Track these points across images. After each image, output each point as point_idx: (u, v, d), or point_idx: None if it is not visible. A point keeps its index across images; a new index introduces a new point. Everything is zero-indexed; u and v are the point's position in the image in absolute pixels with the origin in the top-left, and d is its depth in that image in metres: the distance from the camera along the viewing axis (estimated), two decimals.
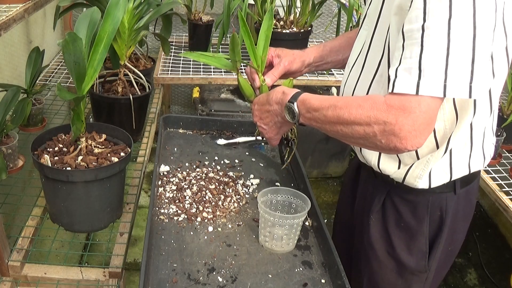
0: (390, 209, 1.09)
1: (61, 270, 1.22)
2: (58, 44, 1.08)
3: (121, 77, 1.57)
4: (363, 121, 0.83)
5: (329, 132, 0.92)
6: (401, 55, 0.81)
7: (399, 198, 1.07)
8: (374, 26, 0.98)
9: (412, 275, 1.12)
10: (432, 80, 0.78)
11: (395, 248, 1.10)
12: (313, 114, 0.93)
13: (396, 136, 0.80)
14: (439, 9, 0.76)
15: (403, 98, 0.79)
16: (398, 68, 0.81)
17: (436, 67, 0.77)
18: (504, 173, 1.74)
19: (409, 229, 1.08)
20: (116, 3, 1.11)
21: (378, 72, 0.97)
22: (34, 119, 1.72)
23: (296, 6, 2.17)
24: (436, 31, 0.77)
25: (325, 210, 2.73)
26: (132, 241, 1.98)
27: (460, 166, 1.01)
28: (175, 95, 3.10)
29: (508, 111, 1.81)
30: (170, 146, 1.45)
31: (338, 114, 0.87)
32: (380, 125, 0.81)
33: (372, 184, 1.12)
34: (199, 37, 2.42)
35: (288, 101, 0.97)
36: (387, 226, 1.09)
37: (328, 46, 1.24)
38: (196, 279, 0.97)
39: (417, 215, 1.06)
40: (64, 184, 1.14)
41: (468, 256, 2.43)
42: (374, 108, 0.82)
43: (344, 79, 1.10)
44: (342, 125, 0.87)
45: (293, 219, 1.03)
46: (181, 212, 1.16)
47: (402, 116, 0.79)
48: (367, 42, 1.01)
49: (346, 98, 0.90)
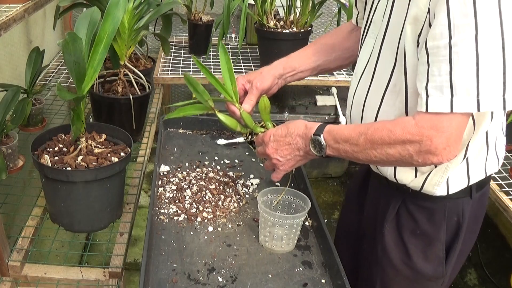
0: (406, 217, 1.07)
1: (61, 270, 1.22)
2: (58, 44, 1.08)
3: (121, 77, 1.57)
4: (398, 144, 0.86)
5: (360, 159, 0.93)
6: (427, 71, 0.82)
7: (415, 206, 1.05)
8: (383, 34, 0.96)
9: (428, 282, 1.11)
10: (465, 97, 0.79)
11: (411, 256, 1.08)
12: (342, 145, 0.94)
13: (432, 154, 0.84)
14: (465, 25, 0.76)
15: (434, 118, 0.82)
16: (427, 86, 0.82)
17: (468, 83, 0.78)
18: (504, 173, 1.74)
19: (425, 236, 1.06)
20: (116, 3, 1.11)
21: (391, 82, 0.96)
22: (34, 119, 1.72)
23: (296, 6, 2.17)
24: (464, 47, 0.77)
25: (325, 210, 2.73)
26: (132, 241, 1.98)
27: (477, 171, 1.01)
28: (175, 95, 3.10)
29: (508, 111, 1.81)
30: (170, 146, 1.45)
31: (370, 141, 0.89)
32: (414, 146, 0.84)
33: (385, 193, 1.11)
34: (199, 37, 2.42)
35: (314, 134, 0.97)
36: (403, 234, 1.08)
37: (296, 55, 1.24)
38: (196, 279, 0.97)
39: (434, 221, 1.05)
40: (64, 184, 1.14)
41: (468, 256, 2.42)
42: (406, 132, 0.85)
43: (352, 90, 1.07)
44: (376, 151, 0.89)
45: (293, 219, 1.03)
46: (181, 212, 1.16)
47: (436, 136, 0.82)
48: (375, 51, 0.99)
49: (374, 125, 0.91)
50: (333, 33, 1.26)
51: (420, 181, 1.01)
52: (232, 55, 2.46)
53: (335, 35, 1.25)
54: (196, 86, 1.10)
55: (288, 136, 1.02)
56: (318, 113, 2.45)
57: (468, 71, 0.77)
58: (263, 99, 1.14)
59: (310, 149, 0.99)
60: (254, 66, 2.33)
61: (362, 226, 1.23)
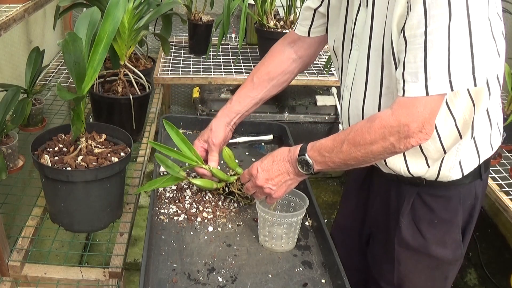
0: (422, 209, 1.11)
1: (61, 270, 1.22)
2: (58, 44, 1.08)
3: (121, 77, 1.57)
4: (379, 139, 0.90)
5: (348, 164, 0.97)
6: (405, 58, 0.87)
7: (431, 196, 1.09)
8: (368, 44, 1.00)
9: (448, 265, 1.16)
10: (438, 80, 0.84)
11: (430, 245, 1.12)
12: (328, 156, 0.97)
13: (410, 137, 0.89)
14: (440, 15, 0.82)
15: (410, 104, 0.87)
16: (404, 73, 0.88)
17: (441, 67, 0.84)
18: (504, 173, 1.74)
19: (443, 224, 1.11)
20: (116, 3, 1.11)
21: (383, 85, 1.00)
22: (34, 119, 1.72)
23: (296, 6, 2.17)
24: (438, 35, 0.83)
25: (325, 210, 2.73)
26: (132, 241, 1.98)
27: (484, 147, 1.06)
28: (175, 95, 3.10)
29: (508, 111, 1.81)
30: (170, 146, 1.45)
31: (354, 144, 0.93)
32: (394, 135, 0.89)
33: (396, 189, 1.13)
34: (199, 37, 2.42)
35: (299, 155, 1.01)
36: (420, 225, 1.12)
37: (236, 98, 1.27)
38: (196, 279, 0.97)
39: (451, 208, 1.10)
40: (64, 184, 1.14)
41: (468, 256, 2.43)
42: (383, 125, 0.89)
43: (346, 103, 1.10)
44: (360, 152, 0.93)
45: (291, 218, 1.03)
46: (181, 212, 1.16)
47: (412, 121, 0.87)
48: (362, 61, 1.03)
49: (352, 128, 0.95)
50: (269, 58, 1.30)
51: (436, 169, 1.05)
52: (232, 55, 2.46)
53: (271, 59, 1.29)
54: (166, 162, 1.17)
55: (276, 163, 1.05)
56: (318, 113, 2.45)
57: (441, 56, 0.83)
58: (225, 150, 1.21)
59: (299, 170, 1.02)
60: (254, 66, 2.32)
61: (368, 225, 1.25)
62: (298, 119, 2.42)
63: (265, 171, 1.05)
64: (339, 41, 1.13)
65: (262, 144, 1.52)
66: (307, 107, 2.49)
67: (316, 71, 2.30)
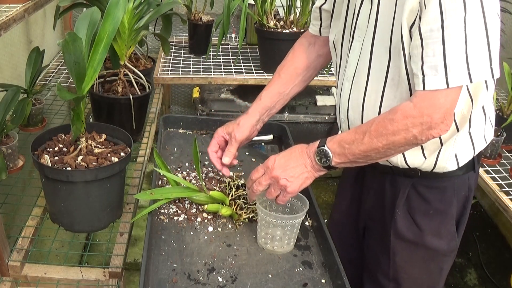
0: (417, 200, 1.12)
1: (61, 270, 1.22)
2: (58, 44, 1.08)
3: (121, 77, 1.57)
4: (402, 130, 0.92)
5: (368, 156, 0.98)
6: (421, 53, 0.89)
7: (426, 188, 1.11)
8: (372, 35, 1.01)
9: (443, 257, 1.17)
10: (458, 72, 0.87)
11: (425, 236, 1.13)
12: (349, 147, 0.98)
13: (433, 129, 0.91)
14: (455, 9, 0.85)
15: (431, 96, 0.90)
16: (423, 67, 0.90)
17: (459, 60, 0.87)
18: (504, 173, 1.74)
19: (438, 214, 1.12)
20: (116, 3, 1.11)
21: (388, 77, 1.01)
22: (34, 119, 1.72)
23: (296, 6, 2.17)
24: (455, 29, 0.86)
25: (325, 210, 2.73)
26: (132, 241, 1.98)
27: (479, 140, 1.09)
28: (175, 95, 3.10)
29: (508, 111, 1.81)
30: (170, 146, 1.45)
31: (376, 135, 0.94)
32: (417, 127, 0.91)
33: (390, 181, 1.15)
34: (199, 37, 2.42)
35: (318, 147, 1.01)
36: (415, 216, 1.13)
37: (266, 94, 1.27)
38: (196, 279, 0.97)
39: (445, 199, 1.12)
40: (64, 184, 1.14)
41: (468, 256, 2.43)
42: (406, 116, 0.91)
43: (346, 93, 1.11)
44: (382, 143, 0.94)
45: (292, 220, 1.03)
46: (181, 212, 1.16)
47: (434, 112, 0.90)
48: (365, 52, 1.04)
49: (374, 120, 0.96)
50: (292, 55, 1.30)
51: (433, 161, 1.07)
52: (232, 55, 2.46)
53: (295, 56, 1.29)
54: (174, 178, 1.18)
55: (293, 155, 1.04)
56: (318, 113, 2.45)
57: (459, 49, 0.86)
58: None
59: (316, 162, 1.02)
60: (254, 66, 2.34)
61: (362, 218, 1.26)
62: (298, 119, 2.43)
63: (281, 162, 1.04)
64: (339, 34, 1.14)
65: (262, 144, 1.52)
66: (307, 107, 2.49)
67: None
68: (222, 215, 1.14)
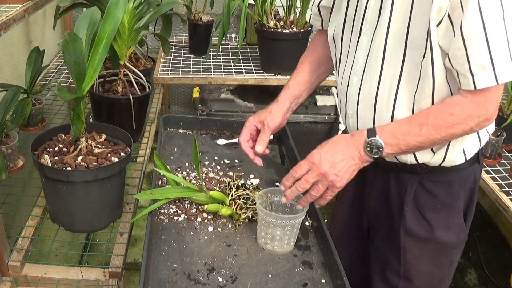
0: (425, 195, 1.13)
1: (61, 270, 1.22)
2: (58, 44, 1.08)
3: (121, 77, 1.57)
4: (460, 123, 0.96)
5: (421, 147, 1.01)
6: (466, 54, 0.92)
7: (433, 183, 1.12)
8: (386, 29, 1.01)
9: (453, 249, 1.19)
10: (505, 69, 0.91)
11: (435, 230, 1.15)
12: (403, 138, 1.00)
13: (488, 121, 0.98)
14: (493, 8, 0.89)
15: (486, 92, 0.94)
16: (470, 67, 0.92)
17: (504, 56, 0.91)
18: (504, 173, 1.74)
19: (446, 208, 1.14)
20: (116, 3, 1.11)
21: (403, 71, 1.02)
22: (34, 119, 1.72)
23: (296, 6, 2.17)
24: (496, 27, 0.89)
25: (325, 210, 2.73)
26: (132, 241, 1.98)
27: (483, 132, 1.12)
28: (175, 95, 3.10)
29: (508, 111, 1.81)
30: (170, 146, 1.45)
31: (434, 128, 0.98)
32: (474, 120, 0.96)
33: (395, 179, 1.15)
34: (199, 37, 2.42)
35: (368, 137, 1.01)
36: (424, 212, 1.14)
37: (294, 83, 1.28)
38: (196, 279, 0.97)
39: (452, 193, 1.13)
40: (64, 184, 1.14)
41: (468, 256, 2.43)
42: (465, 110, 0.96)
43: (356, 89, 1.10)
44: (440, 135, 0.98)
45: (292, 220, 1.03)
46: (181, 212, 1.16)
47: (490, 105, 0.96)
48: (378, 47, 1.04)
49: (430, 113, 0.99)
50: (313, 47, 1.31)
51: (441, 155, 1.09)
52: (232, 55, 2.46)
53: (316, 47, 1.31)
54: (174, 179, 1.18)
55: (339, 148, 1.03)
56: (318, 113, 2.45)
57: (503, 46, 0.90)
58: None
59: (365, 153, 1.01)
60: (254, 66, 2.33)
61: (366, 217, 1.27)
62: (298, 119, 2.43)
63: (328, 157, 1.02)
64: (339, 28, 1.15)
65: None
66: (307, 107, 2.49)
67: None
68: (222, 215, 1.14)
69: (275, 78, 2.21)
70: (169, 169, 1.33)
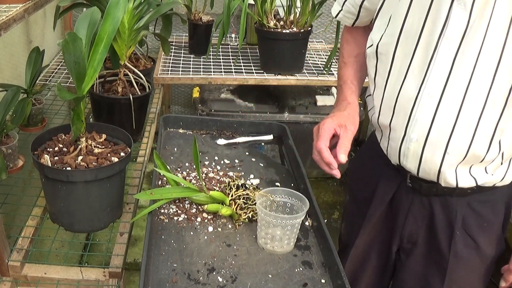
0: (472, 217, 1.13)
1: (61, 270, 1.22)
2: (58, 44, 1.08)
3: (121, 77, 1.57)
4: None
5: None
6: None
7: (480, 203, 1.13)
8: (479, 50, 0.93)
9: (493, 259, 1.20)
10: None
11: (481, 249, 1.16)
12: None
13: None
14: None
15: None
16: None
17: None
18: None
19: (491, 226, 1.15)
20: (116, 3, 1.11)
21: (489, 97, 0.95)
22: (34, 119, 1.72)
23: (296, 6, 2.17)
24: None
25: (325, 210, 2.73)
26: (132, 241, 1.98)
27: None
28: (175, 95, 3.10)
29: None
30: (170, 146, 1.45)
31: None
32: None
33: (441, 204, 1.14)
34: (199, 37, 2.42)
35: None
36: (472, 233, 1.14)
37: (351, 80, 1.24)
38: (196, 279, 0.97)
39: (496, 211, 1.14)
40: (64, 184, 1.14)
41: None
42: None
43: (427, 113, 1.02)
44: None
45: (292, 220, 1.03)
46: (181, 212, 1.16)
47: None
48: (465, 68, 0.96)
49: None
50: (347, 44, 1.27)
51: (502, 174, 1.09)
52: (232, 55, 2.46)
53: (349, 46, 1.27)
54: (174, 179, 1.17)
55: None
56: (318, 113, 2.45)
57: None
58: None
59: None
60: (254, 66, 2.33)
61: (396, 243, 1.24)
62: (298, 119, 2.43)
63: None
64: (392, 37, 1.04)
65: (262, 144, 1.52)
66: (307, 107, 2.49)
67: (316, 71, 2.30)
68: (222, 215, 1.14)
69: (275, 78, 2.21)
70: (169, 169, 1.33)
